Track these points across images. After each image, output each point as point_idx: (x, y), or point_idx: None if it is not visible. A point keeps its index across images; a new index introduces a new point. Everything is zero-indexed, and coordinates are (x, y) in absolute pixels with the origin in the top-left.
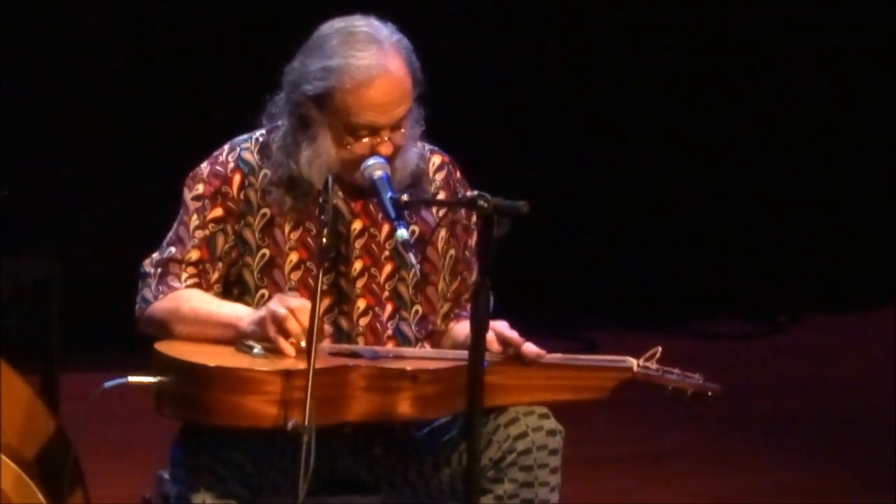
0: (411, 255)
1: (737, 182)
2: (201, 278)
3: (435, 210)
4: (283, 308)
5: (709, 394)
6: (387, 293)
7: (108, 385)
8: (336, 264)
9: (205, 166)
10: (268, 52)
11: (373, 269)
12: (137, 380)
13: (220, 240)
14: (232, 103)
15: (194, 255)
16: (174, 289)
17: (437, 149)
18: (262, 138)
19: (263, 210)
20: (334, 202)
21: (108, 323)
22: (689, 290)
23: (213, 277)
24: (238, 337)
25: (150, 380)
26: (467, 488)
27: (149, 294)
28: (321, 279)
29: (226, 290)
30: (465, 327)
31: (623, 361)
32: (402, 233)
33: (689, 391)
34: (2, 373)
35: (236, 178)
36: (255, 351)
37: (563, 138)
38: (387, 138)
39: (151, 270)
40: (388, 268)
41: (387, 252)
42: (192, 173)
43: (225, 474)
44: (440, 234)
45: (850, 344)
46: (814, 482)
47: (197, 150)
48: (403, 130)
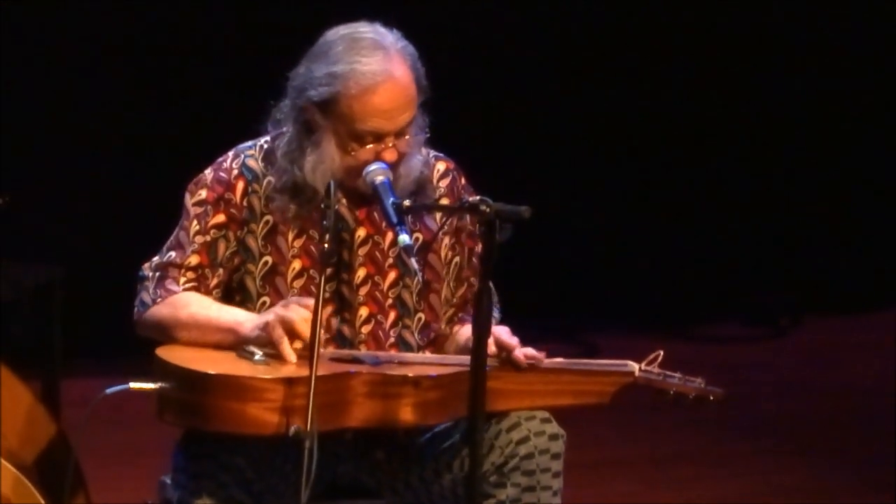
0: (413, 261)
1: (738, 185)
2: (200, 283)
3: (438, 217)
4: (293, 313)
5: (711, 398)
6: (390, 301)
7: (110, 391)
8: (339, 272)
9: (208, 172)
10: (273, 58)
11: (376, 277)
12: (139, 386)
13: (221, 246)
14: (236, 109)
15: (194, 259)
16: (172, 292)
17: (442, 155)
18: (266, 145)
19: (267, 217)
20: (338, 209)
21: (109, 328)
22: (690, 294)
23: (212, 283)
24: (238, 342)
25: (151, 386)
26: (470, 493)
27: (147, 298)
28: (323, 285)
29: (228, 296)
30: (468, 331)
31: (624, 366)
32: (404, 238)
33: (691, 395)
34: (2, 377)
35: (240, 185)
36: (256, 357)
37: (565, 143)
38: (391, 145)
39: (150, 274)
40: (392, 275)
41: (390, 260)
42: (195, 179)
43: (227, 480)
44: (444, 242)
45: (851, 347)
46: (816, 485)
47: (200, 155)
48: (408, 137)
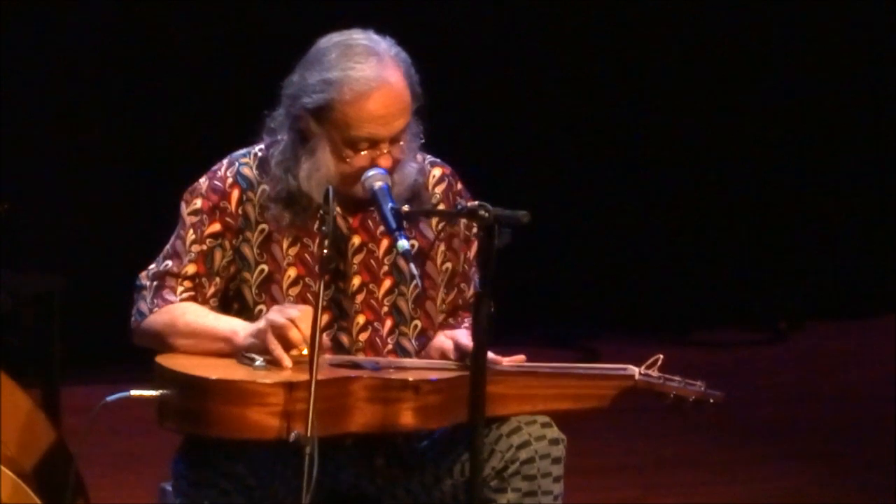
0: (412, 266)
1: (738, 190)
2: (197, 292)
3: (434, 224)
4: (284, 318)
5: (710, 401)
6: (386, 308)
7: (110, 399)
8: (335, 280)
9: (203, 181)
10: (267, 66)
11: (371, 285)
12: (139, 393)
13: (217, 255)
14: (231, 117)
15: (191, 269)
16: (169, 302)
17: (438, 161)
18: (260, 153)
19: (262, 226)
20: (334, 217)
21: (109, 336)
22: (690, 299)
23: (209, 292)
24: (235, 350)
25: (152, 393)
26: (470, 498)
27: (144, 307)
28: (321, 293)
29: (225, 305)
30: (438, 339)
31: (624, 370)
32: (403, 243)
33: (691, 399)
34: (2, 384)
35: (234, 194)
36: (256, 363)
37: (563, 148)
38: (386, 151)
39: (147, 283)
40: (387, 283)
41: (385, 267)
42: (190, 188)
43: (227, 487)
44: (439, 248)
45: (851, 352)
46: (816, 490)
47: (198, 163)
48: (402, 144)
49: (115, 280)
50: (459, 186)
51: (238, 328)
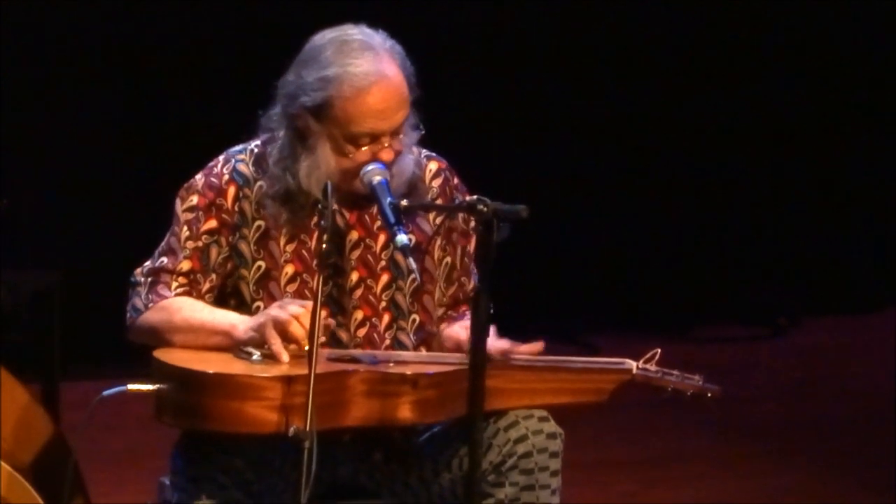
0: (411, 260)
1: (737, 186)
2: (192, 288)
3: (431, 219)
4: (286, 314)
5: (708, 395)
6: (384, 303)
7: (108, 393)
8: (332, 276)
9: (199, 178)
10: (263, 61)
11: (369, 280)
12: (137, 387)
13: (213, 252)
14: (229, 113)
15: (186, 265)
16: (164, 297)
17: (434, 155)
18: (257, 149)
19: (258, 222)
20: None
21: (108, 332)
22: (689, 295)
23: (204, 288)
24: (233, 344)
25: (149, 387)
26: (468, 493)
27: (139, 303)
28: (320, 286)
29: (223, 301)
30: (453, 331)
31: (622, 363)
32: (402, 238)
33: (689, 392)
34: (1, 379)
35: (231, 191)
36: (254, 357)
37: (562, 142)
38: (387, 144)
39: (142, 280)
40: (385, 278)
41: (383, 262)
42: (186, 184)
43: (225, 482)
44: (436, 243)
45: (850, 347)
46: (815, 485)
47: (195, 159)
48: (402, 136)
49: (114, 276)
50: (456, 181)
51: (236, 322)
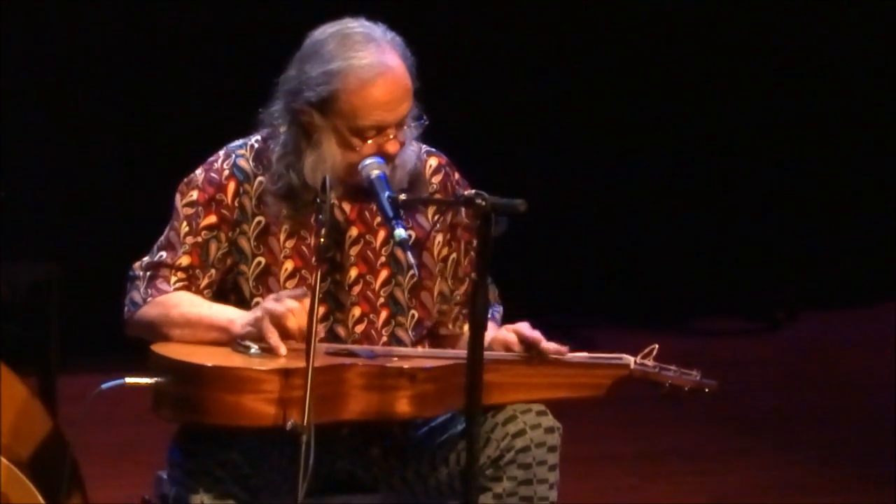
0: (409, 255)
1: (734, 180)
2: (190, 283)
3: (430, 215)
4: (282, 307)
5: (706, 390)
6: (382, 300)
7: (105, 387)
8: (331, 272)
9: (199, 172)
10: (264, 56)
11: (368, 276)
12: (134, 381)
13: (212, 247)
14: (228, 107)
15: (185, 260)
16: (163, 292)
17: (434, 150)
18: (257, 144)
19: (258, 218)
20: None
21: (106, 325)
22: (687, 288)
23: (203, 283)
24: (231, 339)
25: (147, 381)
26: (466, 487)
27: (137, 297)
28: (318, 282)
29: (223, 297)
30: (501, 334)
31: (620, 358)
32: (400, 232)
33: (687, 388)
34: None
35: (231, 186)
36: (252, 351)
37: (560, 137)
38: (392, 137)
39: (141, 274)
40: (384, 274)
41: (382, 258)
42: (186, 179)
43: (223, 475)
44: (436, 239)
45: (848, 340)
46: (813, 479)
47: (195, 154)
48: (406, 128)
49: (113, 269)
50: (457, 176)
51: (234, 317)
